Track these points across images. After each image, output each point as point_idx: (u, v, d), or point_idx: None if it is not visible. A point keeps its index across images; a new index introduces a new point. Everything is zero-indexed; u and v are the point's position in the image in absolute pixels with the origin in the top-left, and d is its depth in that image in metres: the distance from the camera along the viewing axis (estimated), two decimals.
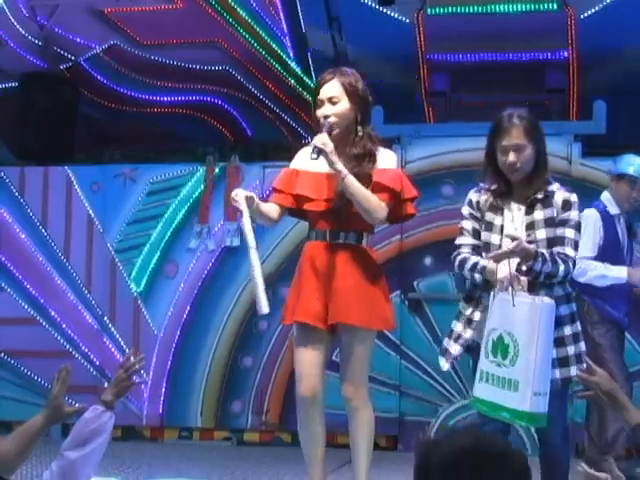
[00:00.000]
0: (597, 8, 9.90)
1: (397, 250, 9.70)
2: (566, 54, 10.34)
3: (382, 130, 9.78)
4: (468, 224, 6.15)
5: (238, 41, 10.89)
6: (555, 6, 9.96)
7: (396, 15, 10.29)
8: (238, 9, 10.74)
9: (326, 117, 6.19)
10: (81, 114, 11.74)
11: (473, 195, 6.21)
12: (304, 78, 10.94)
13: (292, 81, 10.96)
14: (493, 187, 6.12)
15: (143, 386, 10.18)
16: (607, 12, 9.88)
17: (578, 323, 6.02)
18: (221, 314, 9.97)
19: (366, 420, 6.21)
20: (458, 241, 6.14)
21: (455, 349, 6.09)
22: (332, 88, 6.22)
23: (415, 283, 9.71)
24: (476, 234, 6.11)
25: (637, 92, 10.28)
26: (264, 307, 5.89)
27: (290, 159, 6.55)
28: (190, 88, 11.37)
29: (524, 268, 5.78)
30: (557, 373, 5.82)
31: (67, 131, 11.57)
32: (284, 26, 10.84)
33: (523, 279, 5.82)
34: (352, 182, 6.07)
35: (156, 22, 11.04)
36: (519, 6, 10.00)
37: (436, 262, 9.60)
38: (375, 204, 6.14)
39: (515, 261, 5.76)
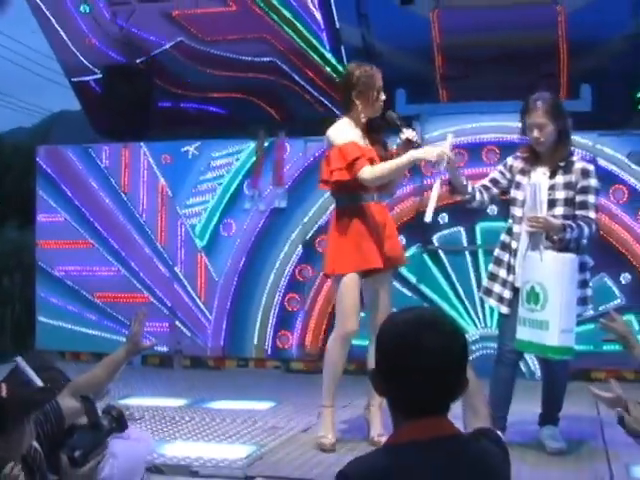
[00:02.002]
0: (583, 4, 9.75)
1: (417, 209, 9.61)
2: (557, 44, 10.20)
3: (405, 109, 9.81)
4: (493, 173, 6.40)
5: (283, 36, 10.87)
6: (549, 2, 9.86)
7: (415, 12, 10.16)
8: (282, 9, 10.71)
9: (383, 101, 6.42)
10: (154, 99, 11.73)
11: (510, 159, 6.41)
12: (338, 66, 10.87)
13: (327, 69, 10.89)
14: (525, 155, 6.28)
15: (207, 324, 10.21)
16: (591, 8, 9.73)
17: (587, 272, 6.20)
18: (271, 264, 9.95)
19: None
20: None
21: (507, 294, 6.19)
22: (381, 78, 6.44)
23: (432, 236, 9.62)
24: (493, 181, 6.36)
25: (617, 76, 10.15)
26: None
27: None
28: (243, 76, 11.32)
29: (556, 238, 5.88)
30: None
31: (142, 114, 11.57)
32: (321, 23, 10.79)
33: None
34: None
35: (215, 22, 11.06)
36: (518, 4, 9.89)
37: (450, 219, 9.51)
38: None
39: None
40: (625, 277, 9.21)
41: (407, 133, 6.26)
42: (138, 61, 11.69)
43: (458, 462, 2.59)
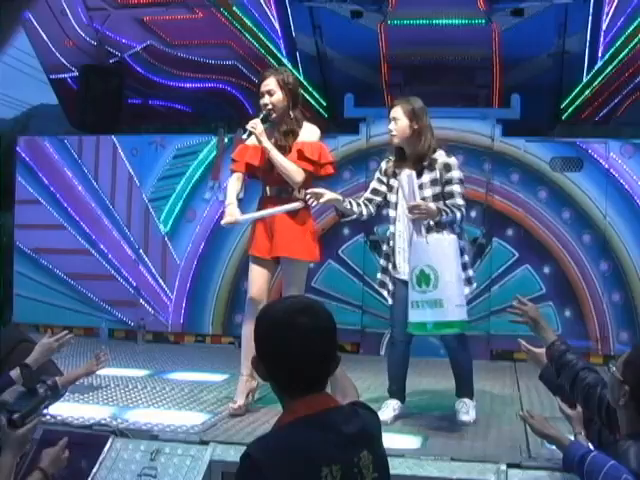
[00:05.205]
0: (515, 23, 9.81)
1: None
2: (491, 58, 10.27)
3: (352, 112, 9.87)
4: (373, 183, 6.36)
5: (244, 42, 10.83)
6: (483, 21, 9.88)
7: (364, 25, 10.18)
8: (244, 18, 10.68)
9: (265, 105, 6.30)
10: (124, 96, 11.70)
11: (383, 163, 6.37)
12: (293, 71, 10.82)
13: None
14: (392, 157, 6.28)
15: (168, 302, 10.20)
16: (522, 28, 9.81)
17: (466, 255, 6.13)
18: (227, 249, 9.93)
19: None
20: None
21: (391, 287, 6.23)
22: (269, 84, 6.29)
23: (374, 228, 9.65)
24: (374, 191, 6.32)
25: (544, 88, 10.25)
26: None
27: None
28: (207, 77, 11.32)
29: (432, 223, 5.86)
30: None
31: (114, 109, 11.55)
32: (279, 31, 10.77)
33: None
34: (275, 155, 6.24)
35: (182, 27, 11.00)
36: (456, 20, 9.92)
37: None
38: (291, 170, 6.26)
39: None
40: (546, 269, 9.32)
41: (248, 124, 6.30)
42: (111, 61, 11.61)
43: (347, 430, 2.66)
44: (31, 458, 4.93)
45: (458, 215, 5.93)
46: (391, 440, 5.18)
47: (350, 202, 6.24)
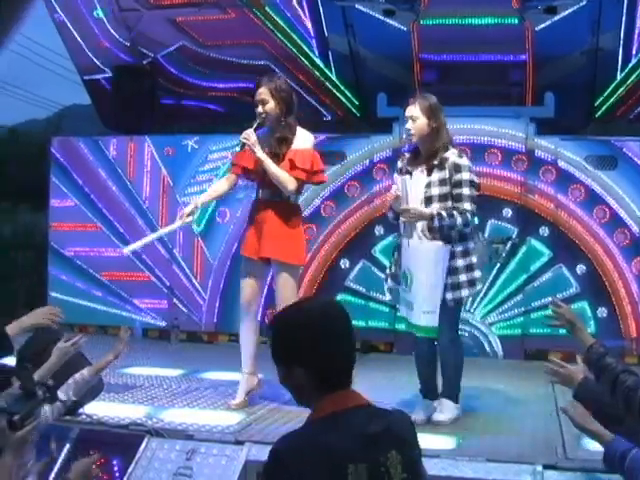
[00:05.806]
0: (548, 23, 9.78)
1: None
2: (524, 56, 10.24)
3: (385, 111, 9.85)
4: (393, 189, 6.26)
5: (276, 42, 10.84)
6: (516, 20, 9.85)
7: (396, 24, 10.18)
8: (276, 18, 10.69)
9: (260, 114, 6.47)
10: (157, 97, 11.74)
11: (399, 162, 6.37)
12: (325, 71, 10.89)
13: (316, 73, 10.89)
14: (408, 155, 6.31)
15: (202, 302, 10.24)
16: (555, 26, 9.77)
17: (472, 257, 6.06)
18: None
19: None
20: None
21: (389, 282, 6.30)
22: (262, 93, 6.47)
23: None
24: (397, 199, 6.20)
25: (578, 86, 10.20)
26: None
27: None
28: (239, 77, 11.31)
29: (432, 225, 5.92)
30: (450, 295, 5.93)
31: (147, 110, 11.60)
32: (311, 31, 10.78)
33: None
34: (268, 165, 6.38)
35: (215, 27, 11.01)
36: (489, 19, 9.89)
37: None
38: (284, 179, 6.39)
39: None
40: (580, 268, 9.28)
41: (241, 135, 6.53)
42: (144, 62, 11.65)
43: (370, 429, 2.67)
44: (66, 458, 5.00)
45: (459, 220, 5.91)
46: (426, 440, 5.16)
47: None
